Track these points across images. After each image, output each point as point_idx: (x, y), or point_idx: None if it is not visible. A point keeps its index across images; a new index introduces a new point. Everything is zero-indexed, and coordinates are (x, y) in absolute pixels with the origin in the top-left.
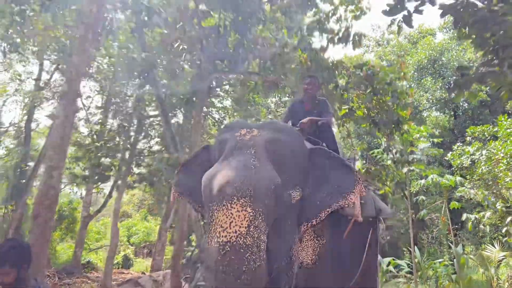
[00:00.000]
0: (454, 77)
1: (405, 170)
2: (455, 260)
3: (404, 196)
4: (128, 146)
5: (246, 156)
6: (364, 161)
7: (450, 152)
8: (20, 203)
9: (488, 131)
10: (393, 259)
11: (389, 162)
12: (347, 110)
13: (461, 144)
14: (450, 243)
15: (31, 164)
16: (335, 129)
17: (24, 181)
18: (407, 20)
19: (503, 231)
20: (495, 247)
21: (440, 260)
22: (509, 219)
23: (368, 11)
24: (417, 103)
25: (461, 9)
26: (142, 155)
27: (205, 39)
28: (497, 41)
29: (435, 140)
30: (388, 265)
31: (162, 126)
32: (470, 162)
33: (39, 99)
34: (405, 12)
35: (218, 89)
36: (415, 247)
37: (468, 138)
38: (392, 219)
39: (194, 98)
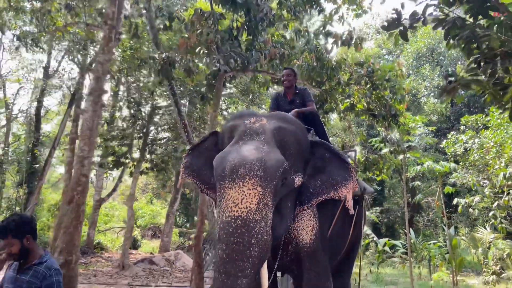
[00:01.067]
0: (449, 71)
1: (400, 157)
2: (448, 241)
3: (401, 181)
4: (141, 134)
5: (256, 141)
6: (364, 151)
7: (445, 140)
8: (36, 188)
9: (480, 121)
10: (389, 240)
11: (386, 150)
12: (348, 104)
13: (455, 132)
14: (444, 226)
15: (43, 150)
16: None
17: (37, 166)
18: (403, 34)
19: (490, 214)
20: (486, 230)
21: (434, 241)
22: (496, 203)
23: (369, 11)
24: (415, 91)
25: (451, 24)
26: (154, 143)
27: (220, 41)
28: (482, 52)
29: (430, 128)
30: (384, 246)
31: (174, 117)
32: (463, 150)
33: (49, 86)
34: (401, 28)
35: (230, 85)
36: (411, 229)
37: (462, 127)
38: (389, 202)
39: (209, 94)
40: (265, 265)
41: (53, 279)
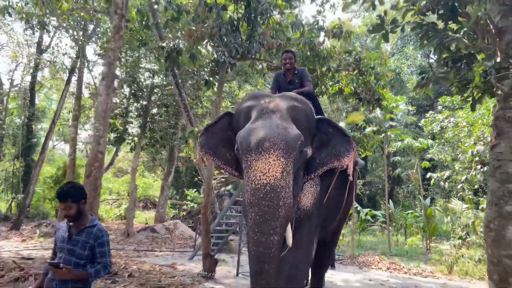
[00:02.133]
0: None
1: (382, 135)
2: (423, 211)
3: (383, 155)
4: (141, 112)
5: (274, 118)
6: (350, 130)
7: (423, 119)
8: (38, 160)
9: (456, 101)
10: (370, 210)
11: (369, 130)
12: (337, 88)
13: (433, 112)
14: (420, 197)
15: (39, 124)
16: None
17: (34, 140)
18: (385, 37)
19: (459, 187)
20: (460, 201)
21: (411, 211)
22: (464, 177)
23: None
24: (399, 70)
25: (426, 28)
26: (154, 120)
27: (224, 34)
28: (450, 53)
29: (411, 108)
30: (365, 215)
31: (175, 98)
32: (440, 128)
33: (41, 62)
34: (384, 31)
35: (231, 71)
36: (390, 200)
37: (439, 107)
38: (372, 175)
39: (211, 79)
40: (289, 225)
41: (104, 239)
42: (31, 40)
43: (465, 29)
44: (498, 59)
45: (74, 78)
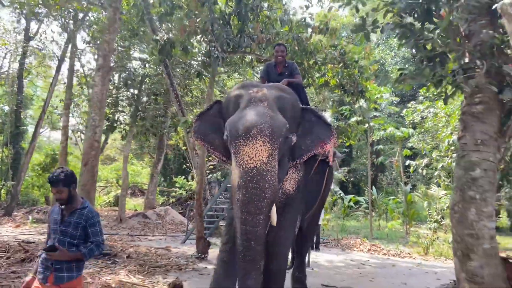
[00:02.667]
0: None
1: (366, 125)
2: (403, 197)
3: (367, 143)
4: (132, 101)
5: (261, 107)
6: (335, 120)
7: (405, 109)
8: (30, 148)
9: (432, 95)
10: (355, 197)
11: (353, 120)
12: (323, 81)
13: (414, 102)
14: (401, 184)
15: (26, 111)
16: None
17: (23, 127)
18: (366, 36)
19: (435, 174)
20: (437, 187)
21: (393, 197)
22: (440, 165)
23: None
24: (383, 60)
25: (403, 29)
26: (145, 109)
27: (217, 29)
28: (426, 51)
29: (394, 98)
30: (349, 202)
31: (165, 87)
32: (420, 118)
33: (29, 49)
34: (365, 31)
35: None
36: (374, 186)
37: (420, 98)
38: (356, 163)
39: (203, 71)
40: (274, 205)
41: (95, 219)
42: (18, 27)
43: (438, 30)
44: (466, 60)
45: (64, 67)
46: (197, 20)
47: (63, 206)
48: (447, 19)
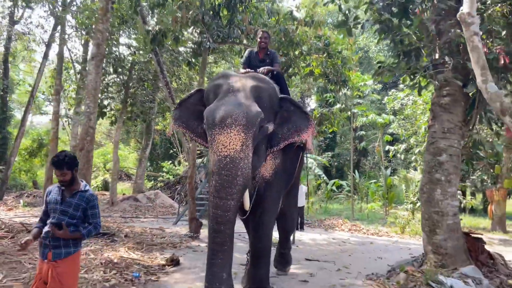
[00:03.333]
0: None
1: (348, 112)
2: (383, 180)
3: (351, 129)
4: (122, 88)
5: (238, 97)
6: (319, 107)
7: (386, 97)
8: (17, 134)
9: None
10: (339, 181)
11: (337, 107)
12: (308, 70)
13: (395, 90)
14: (382, 168)
15: (11, 96)
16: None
17: (11, 112)
18: (349, 32)
19: (412, 158)
20: (416, 171)
21: (374, 181)
22: (418, 150)
23: None
24: (367, 48)
25: (383, 23)
26: (134, 95)
27: (208, 20)
28: (403, 46)
29: (376, 87)
30: (332, 185)
31: (154, 75)
32: (400, 105)
33: (14, 33)
34: (347, 27)
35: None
36: (357, 171)
37: (401, 86)
38: (340, 148)
39: (194, 61)
40: (247, 191)
41: (95, 202)
42: (2, 11)
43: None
44: (437, 56)
45: (51, 52)
46: (189, 12)
47: (63, 188)
48: (419, 18)
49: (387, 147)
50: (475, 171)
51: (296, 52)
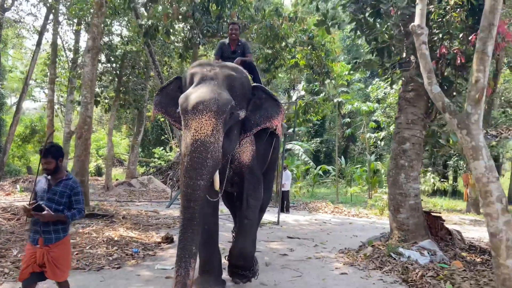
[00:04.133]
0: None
1: (331, 102)
2: (368, 166)
3: (339, 116)
4: (115, 77)
5: (210, 85)
6: (309, 96)
7: (370, 86)
8: (13, 121)
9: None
10: (325, 166)
11: (320, 97)
12: (294, 62)
13: (378, 79)
14: (367, 153)
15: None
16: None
17: (3, 100)
18: (327, 30)
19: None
20: None
21: (360, 166)
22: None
23: None
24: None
25: (360, 22)
26: (127, 84)
27: (196, 13)
28: (377, 43)
29: (360, 75)
30: (319, 170)
31: (145, 63)
32: (383, 94)
33: (4, 20)
34: (326, 26)
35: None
36: (345, 156)
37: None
38: (329, 134)
39: (185, 54)
40: (217, 173)
41: (79, 189)
42: None
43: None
44: (404, 55)
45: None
46: (180, 8)
47: (49, 176)
48: (385, 23)
49: (368, 135)
50: (441, 157)
51: (282, 45)
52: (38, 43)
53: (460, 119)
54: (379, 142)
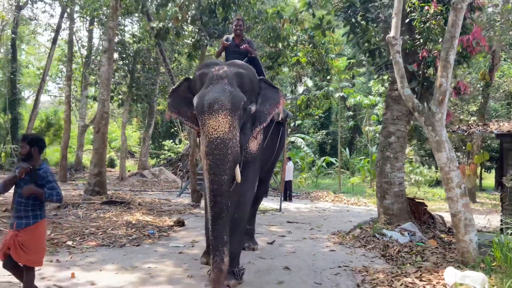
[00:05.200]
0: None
1: (336, 95)
2: (370, 157)
3: (345, 108)
4: (128, 74)
5: (222, 84)
6: (311, 91)
7: (372, 80)
8: (31, 115)
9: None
10: (329, 157)
11: (320, 92)
12: (296, 59)
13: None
14: (369, 145)
15: (22, 78)
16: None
17: (20, 95)
18: (323, 33)
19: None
20: None
21: (363, 157)
22: None
23: None
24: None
25: (354, 26)
26: (139, 80)
27: (203, 17)
28: (369, 45)
29: (360, 70)
30: (322, 162)
31: (156, 61)
32: (384, 88)
33: (20, 18)
34: (321, 30)
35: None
36: (351, 147)
37: None
38: (335, 126)
39: (193, 53)
40: (237, 166)
41: (49, 178)
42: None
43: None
44: (391, 57)
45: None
46: (188, 12)
47: (23, 161)
48: (369, 34)
49: (366, 128)
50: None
51: (285, 44)
52: (54, 41)
53: (426, 117)
54: (377, 135)
